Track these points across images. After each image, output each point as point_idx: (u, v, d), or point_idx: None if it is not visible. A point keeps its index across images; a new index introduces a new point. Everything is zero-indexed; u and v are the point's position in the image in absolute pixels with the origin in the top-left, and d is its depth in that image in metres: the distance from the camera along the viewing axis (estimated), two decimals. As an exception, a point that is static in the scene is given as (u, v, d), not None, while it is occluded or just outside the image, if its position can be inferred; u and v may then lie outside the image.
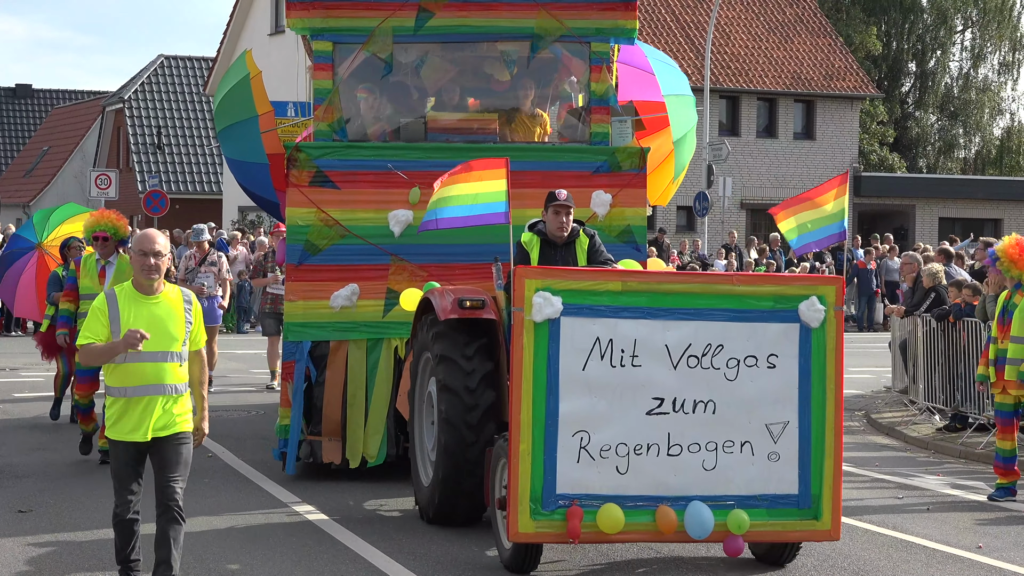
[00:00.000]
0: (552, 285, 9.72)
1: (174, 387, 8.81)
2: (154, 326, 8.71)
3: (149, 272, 8.78)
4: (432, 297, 11.67)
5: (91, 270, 14.13)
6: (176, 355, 8.83)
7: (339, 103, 13.43)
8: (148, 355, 8.71)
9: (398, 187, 13.25)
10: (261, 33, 47.10)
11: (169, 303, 8.87)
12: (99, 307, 8.79)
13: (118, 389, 8.79)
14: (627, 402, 9.79)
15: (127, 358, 8.71)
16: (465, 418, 11.15)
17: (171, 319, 8.83)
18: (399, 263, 13.26)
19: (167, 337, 8.78)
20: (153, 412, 8.76)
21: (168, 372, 8.78)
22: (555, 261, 11.55)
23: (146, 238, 8.79)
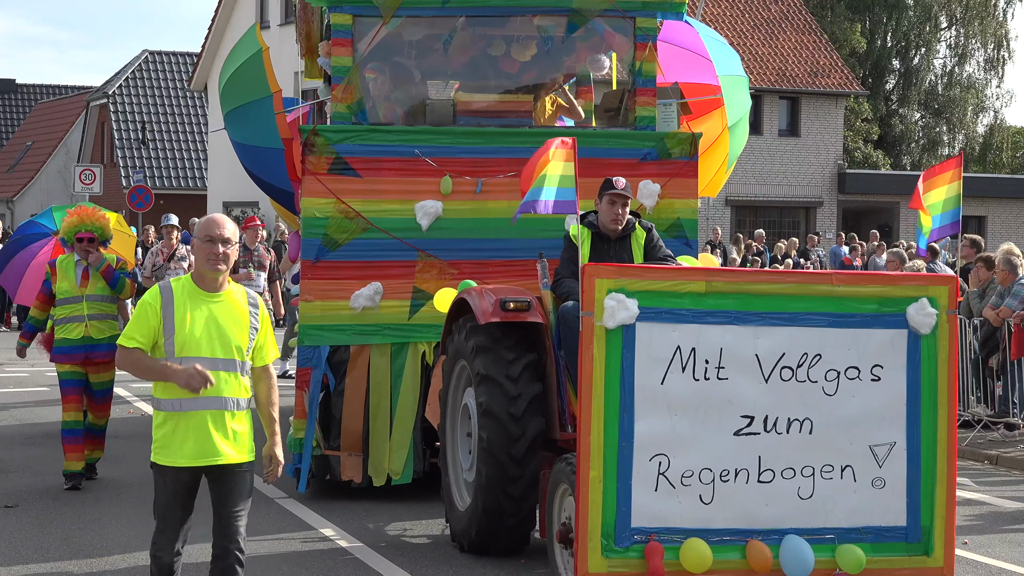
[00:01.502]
0: (627, 286, 8.14)
1: (235, 402, 7.24)
2: (214, 329, 7.19)
3: (216, 262, 7.19)
4: (469, 298, 10.08)
5: (70, 272, 12.46)
6: (239, 365, 7.26)
7: (359, 83, 11.81)
8: (207, 362, 7.15)
9: (426, 175, 11.66)
10: (246, 27, 44.74)
11: (232, 304, 7.31)
12: (150, 302, 7.19)
13: (169, 402, 7.19)
14: (712, 421, 8.23)
15: (181, 363, 7.14)
16: (510, 450, 9.58)
17: (234, 322, 7.27)
18: (427, 259, 11.67)
19: (228, 342, 7.22)
20: (211, 431, 7.18)
21: (229, 383, 7.22)
22: (608, 258, 10.00)
23: (212, 223, 7.22)
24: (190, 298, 7.20)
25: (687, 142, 11.96)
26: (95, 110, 53.94)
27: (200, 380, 7.02)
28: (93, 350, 12.33)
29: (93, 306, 12.38)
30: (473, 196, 11.70)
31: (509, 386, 9.62)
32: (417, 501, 11.66)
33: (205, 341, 7.15)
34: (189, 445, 7.16)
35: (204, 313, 7.19)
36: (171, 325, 7.13)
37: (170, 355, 7.14)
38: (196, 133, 52.07)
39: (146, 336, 7.15)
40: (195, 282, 7.26)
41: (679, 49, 12.67)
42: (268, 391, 7.45)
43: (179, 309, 7.16)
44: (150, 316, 7.16)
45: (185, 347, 7.13)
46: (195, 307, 7.19)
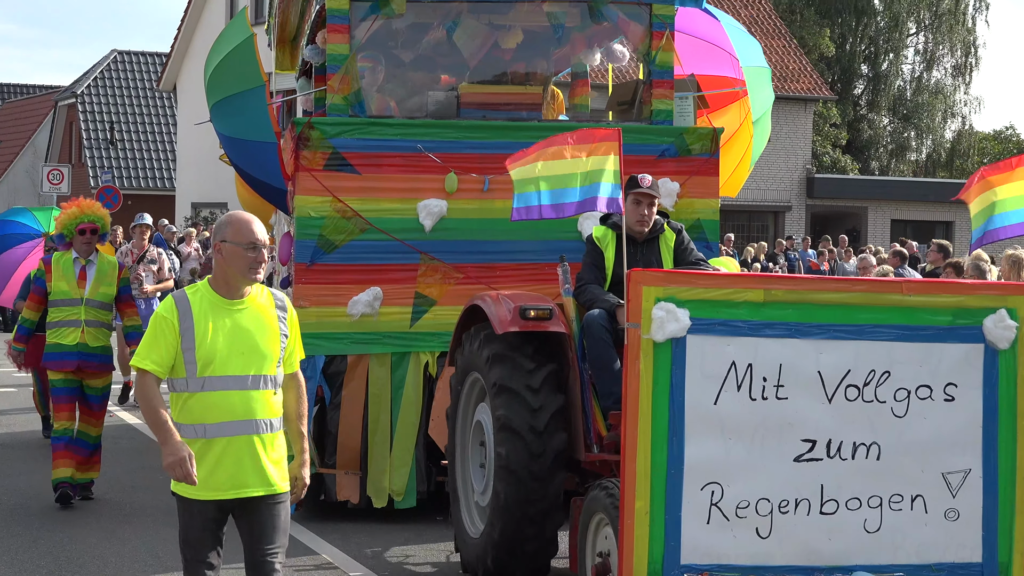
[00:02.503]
0: (677, 294, 7.11)
1: (268, 423, 6.18)
2: (241, 341, 6.13)
3: (257, 270, 6.17)
4: (484, 305, 9.02)
5: (67, 271, 11.34)
6: (270, 380, 6.19)
7: (356, 72, 10.73)
8: (234, 380, 6.10)
9: (429, 172, 10.60)
10: (216, 28, 44.06)
11: (258, 310, 6.24)
12: (165, 316, 6.13)
13: (192, 427, 6.13)
14: (770, 446, 7.20)
15: (205, 383, 6.09)
16: (530, 467, 8.52)
17: (262, 331, 6.21)
18: (430, 263, 10.61)
19: (257, 355, 6.16)
20: (242, 459, 6.11)
21: (260, 403, 6.16)
22: (634, 262, 8.98)
23: (248, 225, 6.17)
24: (210, 308, 6.15)
25: (708, 138, 10.95)
26: (63, 110, 52.56)
27: (181, 474, 5.97)
28: (87, 359, 11.23)
29: (91, 312, 11.28)
30: (480, 194, 10.66)
31: (530, 397, 8.57)
32: (419, 524, 10.59)
33: (232, 357, 6.10)
34: (217, 475, 6.10)
35: (228, 324, 6.13)
36: (191, 340, 6.08)
37: (192, 375, 6.09)
38: (165, 133, 50.75)
39: (162, 356, 6.09)
40: (214, 289, 6.19)
41: (695, 39, 11.63)
42: (296, 402, 6.41)
43: (199, 322, 6.10)
44: (167, 332, 6.10)
45: (209, 365, 6.08)
46: (217, 318, 6.13)
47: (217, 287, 6.19)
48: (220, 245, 6.16)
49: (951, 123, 52.95)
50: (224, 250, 6.16)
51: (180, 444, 5.98)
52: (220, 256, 6.18)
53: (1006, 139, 58.82)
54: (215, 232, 6.21)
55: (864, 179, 50.20)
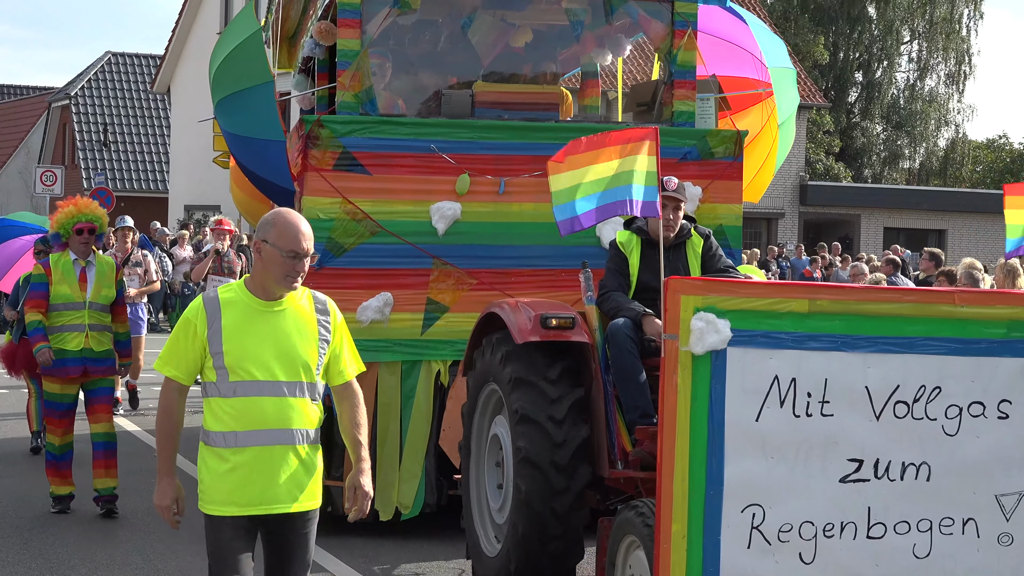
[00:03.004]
0: (717, 304, 6.61)
1: (304, 434, 5.69)
2: (275, 345, 5.64)
3: (294, 280, 5.69)
4: (503, 312, 8.53)
5: (67, 273, 10.80)
6: (307, 388, 5.69)
7: (368, 69, 10.23)
8: (267, 386, 5.60)
9: (443, 173, 10.11)
10: (211, 31, 43.85)
11: (297, 312, 5.75)
12: (191, 319, 5.66)
13: (222, 435, 5.63)
14: (814, 465, 6.70)
15: (237, 388, 5.60)
16: (553, 457, 8.03)
17: (300, 335, 5.71)
18: (443, 268, 10.12)
19: (294, 361, 5.67)
20: (275, 472, 5.61)
21: (297, 412, 5.66)
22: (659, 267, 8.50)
23: (296, 232, 5.67)
24: (243, 310, 5.67)
25: (731, 140, 10.47)
26: (57, 111, 52.00)
27: (167, 516, 5.58)
28: (93, 363, 10.73)
29: (94, 315, 10.77)
30: (495, 197, 10.18)
31: (553, 430, 8.08)
32: (429, 538, 10.11)
33: (264, 360, 5.61)
34: (247, 488, 5.60)
35: (262, 327, 5.65)
36: (219, 343, 5.59)
37: (222, 380, 5.61)
38: (158, 135, 50.22)
39: (186, 362, 5.63)
40: (250, 290, 5.71)
41: (717, 39, 11.15)
42: (352, 411, 5.89)
43: (229, 324, 5.62)
44: (190, 336, 5.62)
45: (238, 369, 5.59)
46: (250, 320, 5.65)
47: (253, 288, 5.72)
48: (260, 245, 5.66)
49: (944, 131, 52.60)
50: (264, 251, 5.66)
51: (169, 488, 5.59)
52: (258, 256, 5.69)
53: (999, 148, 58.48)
54: (259, 229, 5.72)
55: (857, 187, 49.85)
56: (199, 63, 44.87)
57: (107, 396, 10.93)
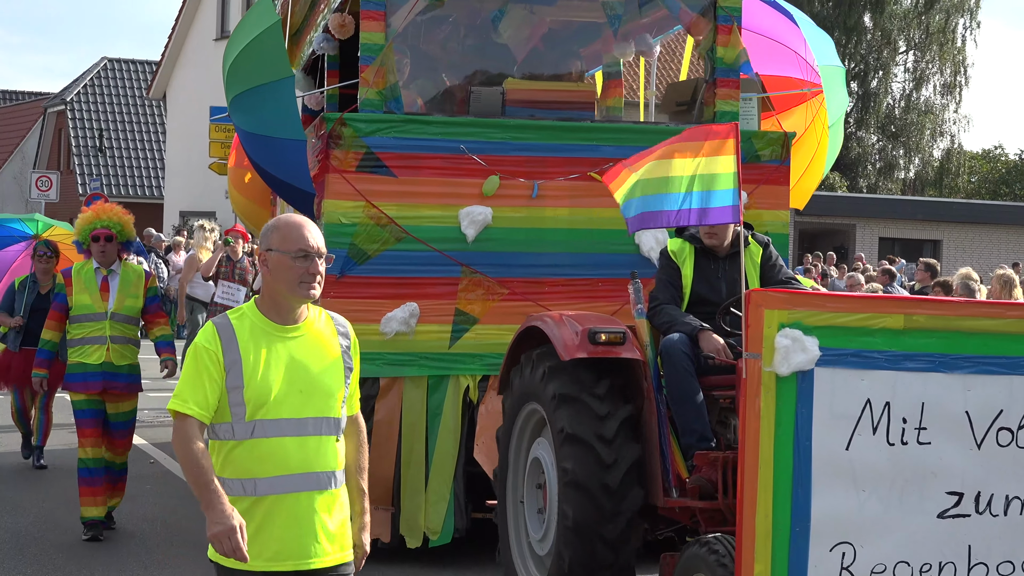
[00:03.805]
0: (804, 320, 5.86)
1: (331, 477, 4.87)
2: (299, 377, 4.81)
3: (311, 285, 4.84)
4: (545, 326, 7.75)
5: (89, 282, 9.98)
6: (333, 424, 4.88)
7: (392, 64, 9.44)
8: (290, 424, 4.79)
9: (473, 176, 9.33)
10: (207, 37, 43.23)
11: (316, 337, 4.92)
12: (206, 346, 4.80)
13: (240, 483, 4.79)
14: (911, 499, 5.96)
15: (255, 429, 4.77)
16: (603, 479, 7.25)
17: (323, 363, 4.89)
18: (472, 276, 9.32)
19: (318, 393, 4.85)
20: (300, 522, 4.80)
21: (322, 452, 4.85)
22: (715, 279, 7.75)
23: (294, 229, 4.88)
24: (259, 336, 4.83)
25: (778, 143, 9.70)
26: (52, 116, 51.14)
27: (229, 547, 4.60)
28: (112, 379, 9.88)
29: (117, 327, 9.93)
30: (528, 201, 9.39)
31: (602, 450, 7.29)
32: (458, 566, 9.30)
33: (288, 396, 4.79)
34: (270, 542, 4.78)
35: (282, 356, 4.82)
36: (239, 376, 4.76)
37: (239, 419, 4.77)
38: (154, 141, 49.39)
39: (207, 396, 4.75)
40: (263, 312, 4.88)
41: (759, 36, 10.37)
42: (357, 452, 5.07)
43: (247, 353, 4.78)
44: (210, 366, 4.76)
45: (261, 406, 4.77)
46: (268, 348, 4.81)
47: (265, 309, 4.88)
48: (265, 255, 4.85)
49: (940, 142, 51.83)
50: (270, 261, 4.85)
51: (229, 511, 4.63)
52: (266, 269, 4.87)
53: (995, 158, 57.86)
54: (260, 240, 4.93)
55: (853, 196, 49.12)
56: (195, 69, 44.31)
57: (127, 429, 10.11)
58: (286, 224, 4.88)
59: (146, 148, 49.45)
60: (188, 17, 44.45)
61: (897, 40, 50.92)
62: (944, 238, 47.28)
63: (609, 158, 9.39)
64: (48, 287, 12.44)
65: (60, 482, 12.07)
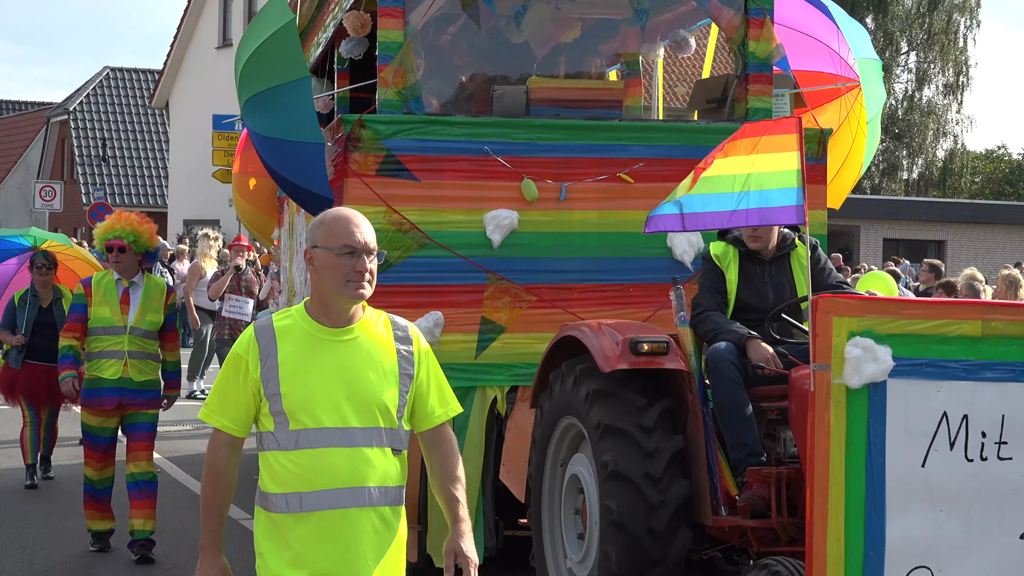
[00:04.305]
0: (875, 327, 5.38)
1: (384, 493, 4.42)
2: (346, 384, 4.38)
3: (359, 284, 4.39)
4: (582, 336, 7.27)
5: (109, 294, 9.47)
6: (387, 435, 4.43)
7: (412, 63, 8.96)
8: (337, 434, 4.35)
9: (498, 178, 8.83)
10: (209, 46, 42.87)
11: (371, 341, 4.47)
12: (241, 354, 4.40)
13: (284, 499, 4.35)
14: (992, 519, 5.49)
15: (299, 439, 4.33)
16: (648, 523, 6.77)
17: (376, 370, 4.43)
18: (499, 283, 8.83)
19: (369, 402, 4.40)
20: (349, 541, 4.35)
21: (374, 466, 4.39)
22: (761, 284, 7.28)
23: (341, 224, 4.44)
24: (305, 340, 4.40)
25: (815, 140, 9.21)
26: (55, 126, 50.76)
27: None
28: (130, 396, 9.38)
29: (136, 342, 9.42)
30: (556, 205, 8.90)
31: (642, 438, 6.83)
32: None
33: (334, 404, 4.35)
34: (319, 562, 4.34)
35: (328, 361, 4.38)
36: (275, 383, 4.33)
37: (282, 429, 4.34)
38: (157, 150, 49.04)
39: (237, 409, 4.36)
40: (311, 315, 4.44)
41: (790, 30, 9.88)
42: (446, 462, 4.62)
43: (288, 358, 4.35)
44: (241, 376, 4.35)
45: (301, 414, 4.34)
46: (314, 353, 4.38)
47: (314, 311, 4.44)
48: (311, 253, 4.42)
49: (943, 142, 51.33)
50: (316, 259, 4.41)
51: (214, 567, 4.33)
52: (312, 268, 4.43)
53: (998, 158, 57.40)
54: (307, 236, 4.52)
55: (856, 198, 48.61)
56: (197, 78, 43.92)
57: (147, 433, 9.55)
58: (333, 218, 4.43)
59: (149, 157, 49.12)
60: (190, 26, 44.14)
61: (899, 41, 50.45)
62: (948, 239, 46.89)
63: (639, 158, 8.96)
64: (49, 299, 12.00)
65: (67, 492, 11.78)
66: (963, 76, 50.57)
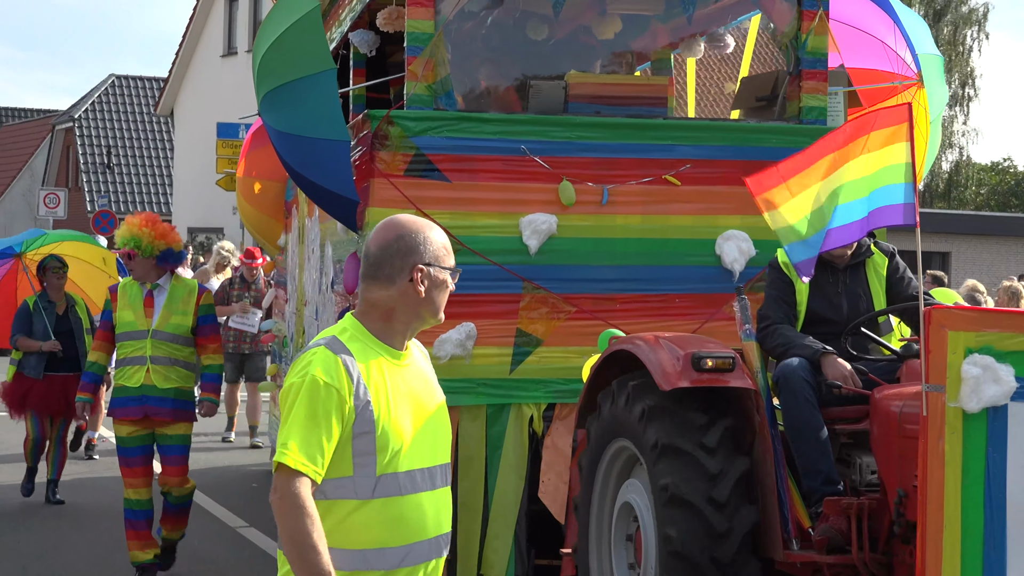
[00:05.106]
0: (995, 343, 4.67)
1: (447, 541, 3.81)
2: (421, 415, 3.76)
3: (439, 310, 3.85)
4: (638, 350, 6.52)
5: (133, 298, 8.80)
6: (450, 472, 3.85)
7: (443, 55, 8.23)
8: (423, 477, 3.71)
9: (535, 180, 8.12)
10: (214, 54, 42.23)
11: (420, 366, 3.89)
12: (330, 383, 3.65)
13: (363, 555, 3.64)
14: (1124, 563, 4.73)
15: (387, 485, 3.64)
16: (712, 552, 6.03)
17: (436, 396, 3.86)
18: (535, 292, 8.10)
19: (441, 434, 3.83)
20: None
21: (448, 510, 3.81)
22: (834, 294, 6.56)
23: (444, 238, 3.88)
24: (379, 366, 3.71)
25: (874, 142, 8.48)
26: (60, 133, 50.06)
27: None
28: (155, 404, 8.66)
29: (159, 346, 8.70)
30: (597, 208, 8.18)
31: (705, 459, 6.09)
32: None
33: (419, 440, 3.72)
34: None
35: (402, 390, 3.74)
36: (369, 420, 3.63)
37: (366, 473, 3.64)
38: (162, 158, 48.33)
39: (321, 449, 3.59)
40: (376, 335, 3.75)
41: (842, 25, 9.17)
42: None
43: (377, 388, 3.67)
44: (332, 412, 3.60)
45: (394, 455, 3.66)
46: (391, 381, 3.71)
47: (379, 331, 3.76)
48: (423, 270, 3.73)
49: (949, 154, 50.64)
50: (429, 277, 3.75)
51: None
52: (417, 287, 3.74)
53: (1004, 171, 56.69)
54: (398, 251, 3.75)
55: (861, 209, 48.15)
56: (203, 85, 43.25)
57: (178, 456, 8.84)
58: (436, 232, 3.83)
59: (154, 165, 48.47)
60: (195, 34, 43.53)
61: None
62: (953, 250, 46.17)
63: (685, 159, 8.26)
64: (63, 306, 11.39)
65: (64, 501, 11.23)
66: (969, 88, 49.94)
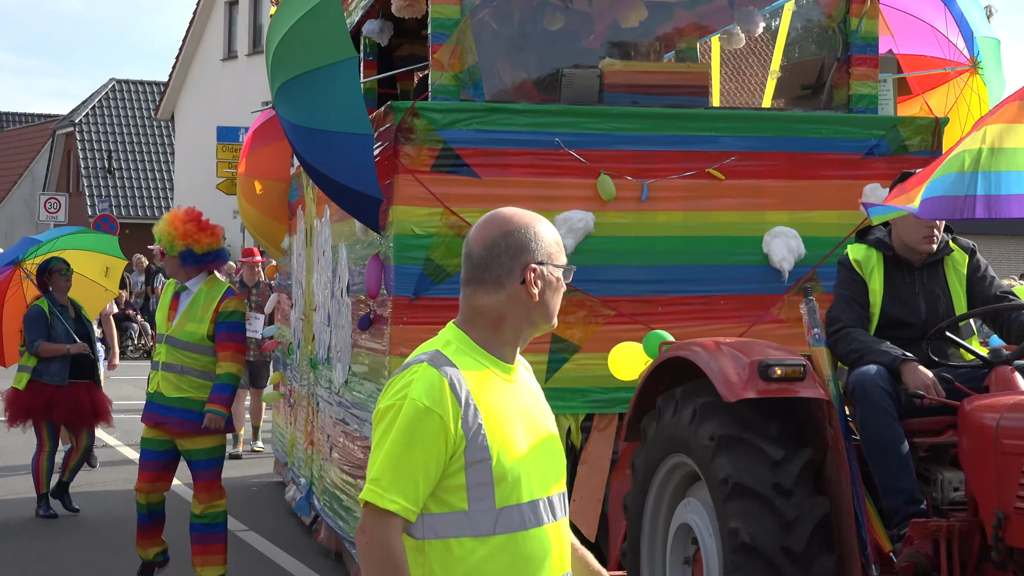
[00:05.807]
0: None
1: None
2: (535, 438, 3.14)
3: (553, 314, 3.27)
4: (696, 358, 5.84)
5: (165, 298, 8.27)
6: (567, 500, 3.25)
7: (470, 43, 7.56)
8: (546, 509, 3.10)
9: (570, 175, 7.47)
10: (214, 58, 41.68)
11: (528, 382, 3.25)
12: (431, 408, 2.97)
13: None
14: None
15: (507, 520, 3.03)
16: (784, 542, 5.39)
17: (548, 416, 3.23)
18: (572, 295, 7.41)
19: (557, 458, 3.22)
20: None
21: (568, 546, 3.19)
22: (912, 294, 5.90)
23: (556, 234, 3.25)
24: (488, 382, 3.09)
25: (929, 130, 7.85)
26: (61, 138, 49.47)
27: None
28: (162, 414, 8.03)
29: (172, 353, 8.08)
30: (636, 205, 7.53)
31: (781, 504, 5.40)
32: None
33: (537, 466, 3.11)
34: None
35: (515, 409, 3.13)
36: (483, 446, 3.02)
37: (482, 507, 3.03)
38: (163, 162, 47.73)
39: (416, 485, 2.97)
40: (483, 346, 3.14)
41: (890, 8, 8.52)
42: None
43: (490, 409, 3.05)
44: (439, 436, 2.99)
45: (516, 485, 3.05)
46: (503, 400, 3.09)
47: (489, 343, 3.15)
48: (537, 269, 3.12)
49: (947, 151, 50.29)
50: (544, 278, 3.14)
51: None
52: (531, 289, 3.12)
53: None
54: (507, 249, 3.14)
55: (861, 207, 47.64)
56: (203, 90, 42.60)
57: (203, 471, 8.12)
58: (547, 226, 3.23)
59: (154, 169, 47.91)
60: (195, 38, 43.02)
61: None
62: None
63: (730, 151, 7.60)
64: (72, 310, 10.87)
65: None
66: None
